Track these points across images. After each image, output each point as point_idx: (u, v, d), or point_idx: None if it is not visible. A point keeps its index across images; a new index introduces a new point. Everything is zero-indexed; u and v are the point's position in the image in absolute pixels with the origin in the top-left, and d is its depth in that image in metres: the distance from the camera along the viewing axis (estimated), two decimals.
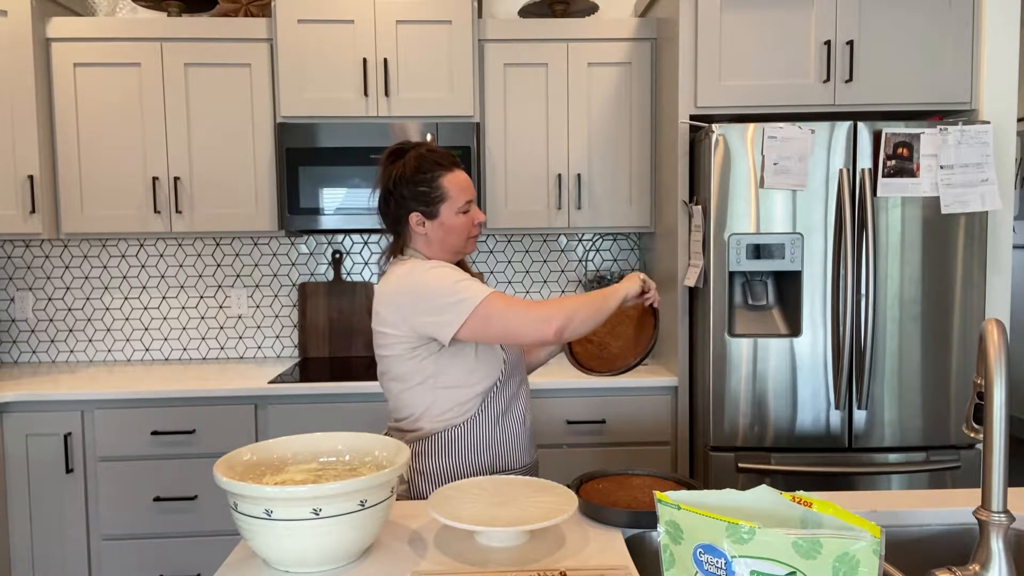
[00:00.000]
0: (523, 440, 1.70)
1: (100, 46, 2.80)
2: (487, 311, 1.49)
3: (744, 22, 2.53)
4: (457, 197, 1.62)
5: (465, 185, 1.64)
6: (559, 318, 1.50)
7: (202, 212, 2.86)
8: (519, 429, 1.68)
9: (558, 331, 1.49)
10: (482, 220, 1.67)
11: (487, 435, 1.64)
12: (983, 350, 1.03)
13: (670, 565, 0.96)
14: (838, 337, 2.40)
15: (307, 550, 1.15)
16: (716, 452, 2.45)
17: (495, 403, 1.64)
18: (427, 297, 1.51)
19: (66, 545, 2.63)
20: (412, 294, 1.53)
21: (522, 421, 1.69)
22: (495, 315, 1.49)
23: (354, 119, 2.82)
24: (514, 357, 1.69)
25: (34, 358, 3.22)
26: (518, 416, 1.68)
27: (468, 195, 1.64)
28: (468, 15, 2.81)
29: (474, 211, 1.66)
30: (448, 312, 1.50)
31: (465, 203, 1.63)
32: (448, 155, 1.66)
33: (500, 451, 1.66)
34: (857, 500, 1.47)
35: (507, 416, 1.66)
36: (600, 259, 3.30)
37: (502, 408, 1.65)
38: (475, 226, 1.66)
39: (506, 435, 1.66)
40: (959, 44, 2.52)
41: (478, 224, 1.67)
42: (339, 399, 2.64)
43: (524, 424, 1.70)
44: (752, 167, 2.38)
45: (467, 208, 1.64)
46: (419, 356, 1.57)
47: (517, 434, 1.68)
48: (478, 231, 1.68)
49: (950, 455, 2.44)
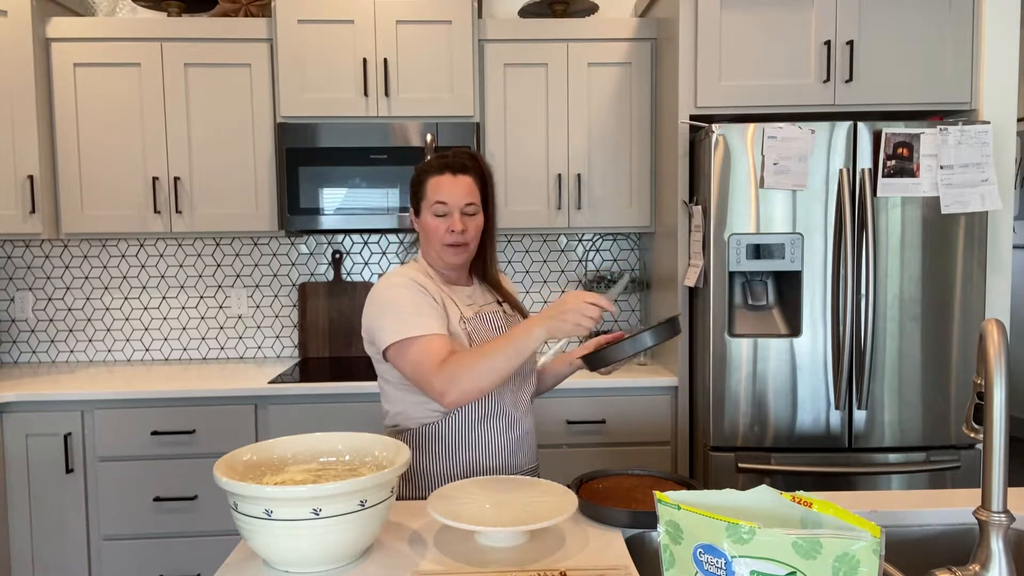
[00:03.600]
0: (509, 446, 1.63)
1: (100, 46, 2.80)
2: (411, 347, 1.50)
3: (744, 22, 2.53)
4: (430, 196, 1.60)
5: (445, 188, 1.58)
6: (453, 393, 1.43)
7: (202, 212, 2.86)
8: (502, 436, 1.62)
9: (453, 404, 1.46)
10: (455, 228, 1.57)
11: (462, 438, 1.60)
12: (983, 350, 1.03)
13: (670, 565, 0.96)
14: (838, 337, 2.40)
15: (307, 550, 1.15)
16: (716, 452, 2.45)
17: (470, 408, 1.59)
18: (375, 308, 1.57)
19: (66, 545, 2.63)
20: (369, 303, 1.60)
21: (506, 429, 1.62)
22: (410, 359, 1.50)
23: (354, 119, 2.82)
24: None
25: (34, 358, 3.22)
26: (502, 424, 1.62)
27: (440, 196, 1.58)
28: (468, 15, 2.80)
29: (451, 218, 1.58)
30: (384, 327, 1.54)
31: (436, 203, 1.59)
32: (459, 160, 1.62)
33: (476, 456, 1.61)
34: (857, 500, 1.47)
35: (486, 423, 1.60)
36: (600, 259, 3.30)
37: (480, 414, 1.60)
38: (448, 233, 1.58)
39: (484, 440, 1.61)
40: (959, 44, 2.52)
41: (452, 232, 1.58)
42: (339, 399, 2.63)
43: (510, 432, 1.63)
44: (752, 167, 2.38)
45: (440, 211, 1.59)
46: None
47: (500, 441, 1.62)
48: (452, 239, 1.59)
49: (950, 455, 2.44)
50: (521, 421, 1.66)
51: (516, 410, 1.65)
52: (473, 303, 1.67)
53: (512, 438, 1.64)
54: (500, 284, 1.75)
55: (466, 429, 1.61)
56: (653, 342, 1.46)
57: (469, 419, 1.60)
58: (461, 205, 1.59)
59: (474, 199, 1.61)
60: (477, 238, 1.64)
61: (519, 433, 1.65)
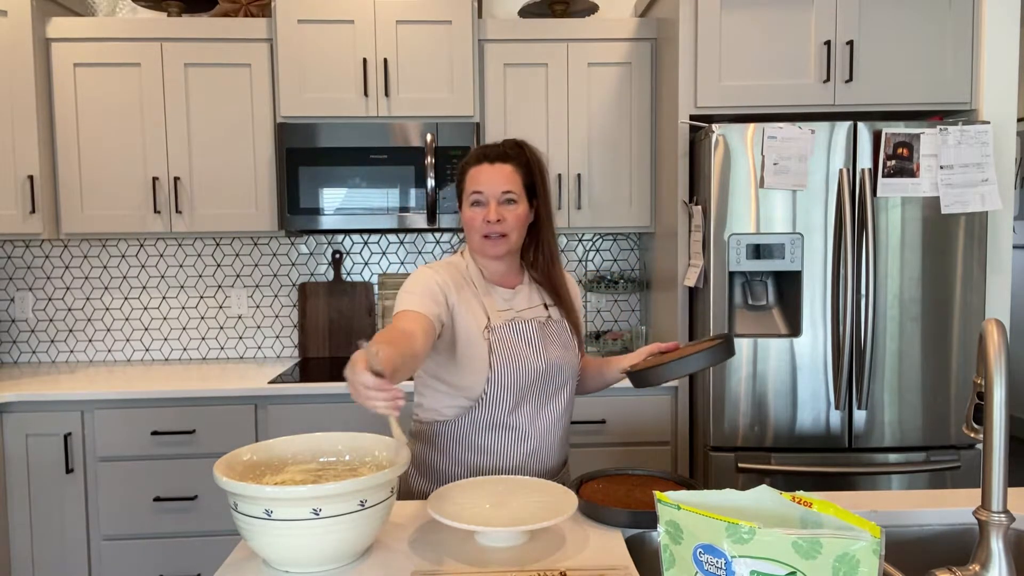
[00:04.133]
0: (515, 460, 1.59)
1: (100, 46, 2.80)
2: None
3: (744, 22, 2.53)
4: (468, 187, 1.57)
5: (483, 177, 1.55)
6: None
7: (202, 212, 2.86)
8: (510, 448, 1.58)
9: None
10: (490, 219, 1.53)
11: (467, 441, 1.59)
12: (983, 350, 1.03)
13: (670, 565, 0.96)
14: (838, 337, 2.40)
15: (307, 550, 1.15)
16: (716, 452, 2.45)
17: (478, 414, 1.57)
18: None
19: (66, 545, 2.63)
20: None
21: (515, 442, 1.58)
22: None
23: (354, 119, 2.82)
24: (514, 380, 1.56)
25: (34, 358, 3.22)
26: (511, 436, 1.58)
27: (477, 186, 1.55)
28: (468, 15, 2.80)
29: (487, 207, 1.54)
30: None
31: (472, 193, 1.56)
32: (498, 149, 1.58)
33: (481, 460, 1.58)
34: (857, 500, 1.47)
35: (493, 432, 1.58)
36: (600, 259, 3.30)
37: (490, 423, 1.57)
38: (484, 223, 1.54)
39: (489, 448, 1.58)
40: (959, 44, 2.52)
41: (487, 222, 1.54)
42: (339, 399, 2.63)
43: (517, 446, 1.58)
44: (752, 167, 2.38)
45: (475, 199, 1.56)
46: None
47: (507, 452, 1.58)
48: (488, 230, 1.55)
49: (950, 455, 2.44)
50: (534, 438, 1.59)
51: (532, 426, 1.59)
52: (511, 308, 1.61)
53: (521, 452, 1.59)
54: (558, 284, 1.65)
55: (474, 433, 1.59)
56: (706, 363, 1.40)
57: (479, 423, 1.58)
58: (497, 194, 1.54)
59: (513, 187, 1.55)
60: (518, 228, 1.57)
61: (528, 448, 1.60)
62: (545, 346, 1.59)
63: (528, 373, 1.56)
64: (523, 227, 1.59)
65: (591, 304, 3.31)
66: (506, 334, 1.56)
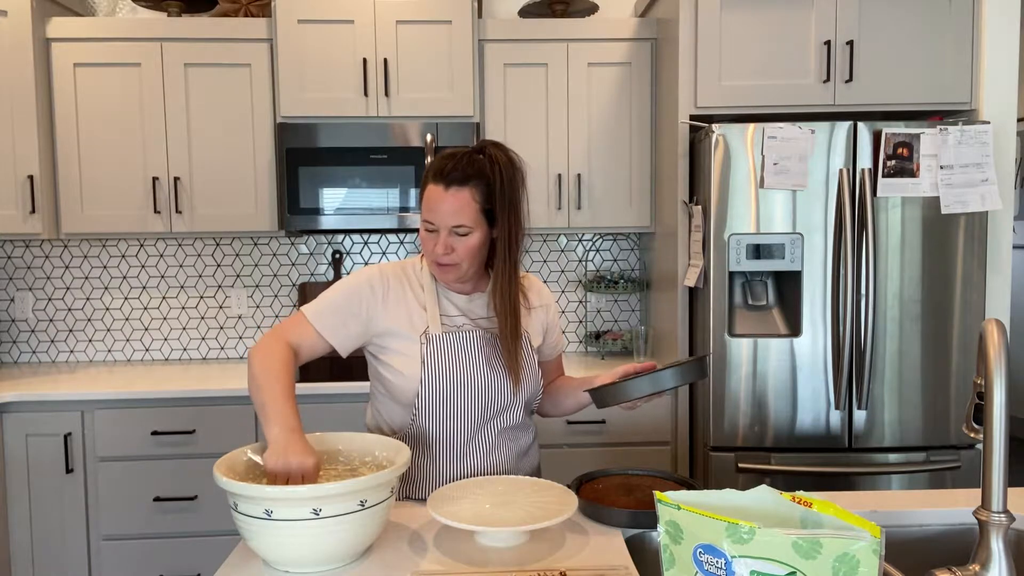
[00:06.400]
0: (458, 475, 1.54)
1: (100, 46, 2.80)
2: (294, 316, 1.53)
3: (744, 22, 2.53)
4: (423, 205, 1.48)
5: (434, 205, 1.44)
6: (250, 360, 1.46)
7: (202, 212, 2.86)
8: (455, 464, 1.54)
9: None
10: (438, 250, 1.45)
11: (417, 451, 1.55)
12: (983, 350, 1.03)
13: (670, 565, 0.96)
14: (838, 337, 2.40)
15: (307, 550, 1.15)
16: (716, 452, 2.45)
17: (416, 427, 1.53)
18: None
19: (66, 545, 2.63)
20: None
21: (458, 459, 1.54)
22: (284, 322, 1.53)
23: (354, 119, 2.82)
24: (446, 395, 1.50)
25: (34, 358, 3.22)
26: (454, 452, 1.53)
27: (428, 213, 1.45)
28: (468, 15, 2.80)
29: (439, 239, 1.45)
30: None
31: (424, 218, 1.47)
32: (460, 168, 1.44)
33: (420, 477, 1.55)
34: (857, 500, 1.47)
35: (435, 445, 1.53)
36: (600, 259, 3.30)
37: (430, 436, 1.53)
38: (434, 251, 1.46)
39: (426, 467, 1.54)
40: (959, 44, 2.52)
41: (435, 251, 1.46)
42: (339, 399, 2.64)
43: (461, 462, 1.54)
44: (752, 167, 2.38)
45: (427, 226, 1.47)
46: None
47: (450, 467, 1.54)
48: (438, 259, 1.46)
49: (950, 455, 2.44)
50: (474, 455, 1.54)
51: (472, 443, 1.54)
52: (462, 314, 1.55)
53: (463, 468, 1.54)
54: (516, 304, 1.52)
55: (416, 445, 1.54)
56: (674, 383, 1.33)
57: (419, 435, 1.54)
58: (448, 226, 1.44)
59: (465, 220, 1.43)
60: (470, 258, 1.47)
61: (469, 465, 1.54)
62: (489, 362, 1.52)
63: (460, 388, 1.50)
64: (476, 254, 1.48)
65: (591, 304, 3.31)
66: (442, 345, 1.50)
